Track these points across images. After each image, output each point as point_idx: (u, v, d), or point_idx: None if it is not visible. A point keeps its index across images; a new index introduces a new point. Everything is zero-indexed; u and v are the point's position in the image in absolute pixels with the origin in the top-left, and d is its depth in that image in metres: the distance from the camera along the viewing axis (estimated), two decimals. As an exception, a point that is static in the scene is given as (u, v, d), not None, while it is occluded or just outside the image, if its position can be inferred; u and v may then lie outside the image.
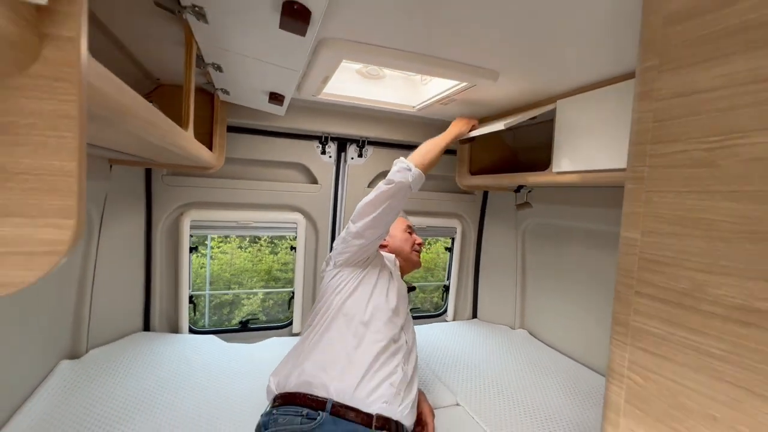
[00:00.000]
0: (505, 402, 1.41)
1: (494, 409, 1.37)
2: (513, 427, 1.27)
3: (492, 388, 1.50)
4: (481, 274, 2.31)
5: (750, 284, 0.40)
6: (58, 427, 1.08)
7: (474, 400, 1.41)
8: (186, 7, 0.72)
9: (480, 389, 1.49)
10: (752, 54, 0.41)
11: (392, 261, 1.33)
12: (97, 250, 1.48)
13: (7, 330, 1.07)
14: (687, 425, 0.46)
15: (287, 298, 2.02)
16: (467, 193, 2.21)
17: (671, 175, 0.49)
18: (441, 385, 1.48)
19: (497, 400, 1.42)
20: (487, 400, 1.42)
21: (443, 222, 2.20)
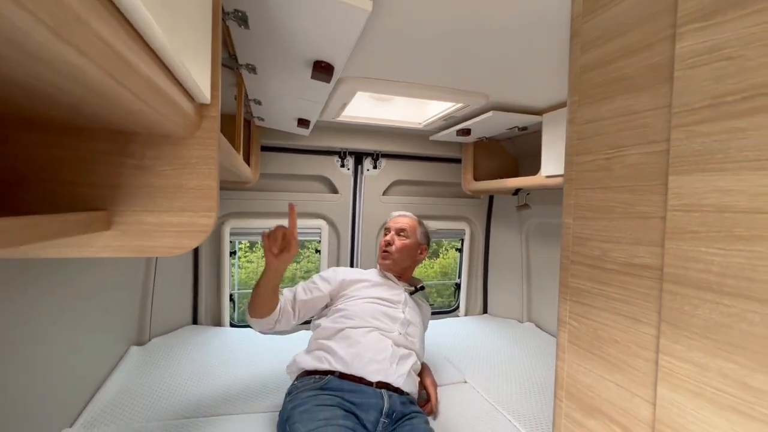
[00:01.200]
0: (509, 381, 1.58)
1: (499, 386, 1.54)
2: (517, 403, 1.44)
3: (498, 369, 1.68)
4: (490, 272, 2.50)
5: (630, 248, 0.61)
6: (132, 398, 1.33)
7: (480, 379, 1.59)
8: (242, 65, 0.98)
9: (487, 370, 1.67)
10: (626, 95, 0.62)
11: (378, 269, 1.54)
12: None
13: (93, 323, 1.35)
14: (602, 350, 0.66)
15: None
16: (474, 198, 2.41)
17: (587, 177, 0.69)
18: (449, 365, 1.67)
19: (502, 379, 1.60)
20: (493, 379, 1.60)
21: (452, 225, 2.40)
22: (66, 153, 0.48)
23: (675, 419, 0.53)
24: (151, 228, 0.50)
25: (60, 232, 0.38)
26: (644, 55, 0.59)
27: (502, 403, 1.42)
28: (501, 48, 0.97)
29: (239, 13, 0.70)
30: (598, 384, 0.67)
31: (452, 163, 2.27)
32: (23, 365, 0.97)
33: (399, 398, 1.11)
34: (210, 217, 0.52)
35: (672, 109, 0.53)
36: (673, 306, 0.53)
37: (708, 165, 0.49)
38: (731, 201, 0.46)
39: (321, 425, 0.94)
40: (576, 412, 0.72)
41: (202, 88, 0.46)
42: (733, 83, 0.46)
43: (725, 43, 0.47)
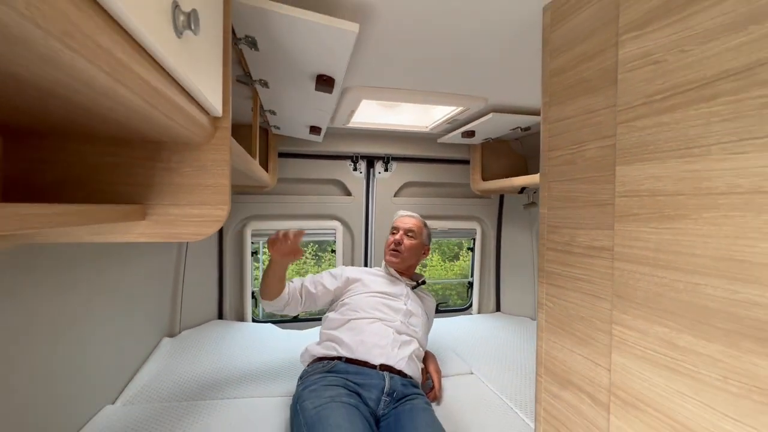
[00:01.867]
0: (515, 373, 1.63)
1: (505, 378, 1.59)
2: (521, 393, 1.49)
3: (505, 362, 1.73)
4: (502, 271, 2.53)
5: (592, 232, 0.68)
6: (165, 381, 1.48)
7: (487, 370, 1.65)
8: (255, 80, 1.10)
9: (493, 362, 1.72)
10: (585, 96, 0.69)
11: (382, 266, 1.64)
12: (185, 253, 1.93)
13: (132, 315, 1.51)
14: (572, 327, 0.73)
15: (330, 293, 2.38)
16: (484, 198, 2.47)
17: (556, 170, 0.77)
18: (456, 357, 1.74)
19: (508, 371, 1.65)
20: (499, 371, 1.65)
21: (464, 224, 2.46)
22: (112, 159, 0.60)
23: (625, 382, 0.59)
24: (176, 218, 0.62)
25: (105, 219, 0.50)
26: (598, 60, 0.66)
27: (506, 393, 1.47)
28: (493, 52, 1.05)
29: (249, 38, 0.82)
30: (569, 358, 0.73)
31: (461, 164, 2.34)
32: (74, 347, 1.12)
33: (400, 380, 1.20)
34: (223, 209, 0.64)
35: (617, 107, 0.61)
36: (621, 281, 0.60)
37: (644, 155, 0.56)
38: (661, 186, 0.53)
39: (326, 401, 1.04)
40: (553, 386, 0.78)
41: (214, 104, 0.57)
42: (659, 84, 0.53)
43: (653, 50, 0.54)
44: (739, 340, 0.44)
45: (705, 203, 0.47)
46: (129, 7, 0.29)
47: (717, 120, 0.46)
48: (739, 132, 0.44)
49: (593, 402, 0.67)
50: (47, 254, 0.97)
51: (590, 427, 0.68)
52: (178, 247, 1.90)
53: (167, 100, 0.42)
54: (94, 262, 1.21)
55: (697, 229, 0.48)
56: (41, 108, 0.40)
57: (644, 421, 0.56)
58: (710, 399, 0.47)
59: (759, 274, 0.42)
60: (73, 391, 1.12)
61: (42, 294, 0.97)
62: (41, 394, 0.98)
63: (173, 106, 0.44)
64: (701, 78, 0.48)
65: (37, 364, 0.96)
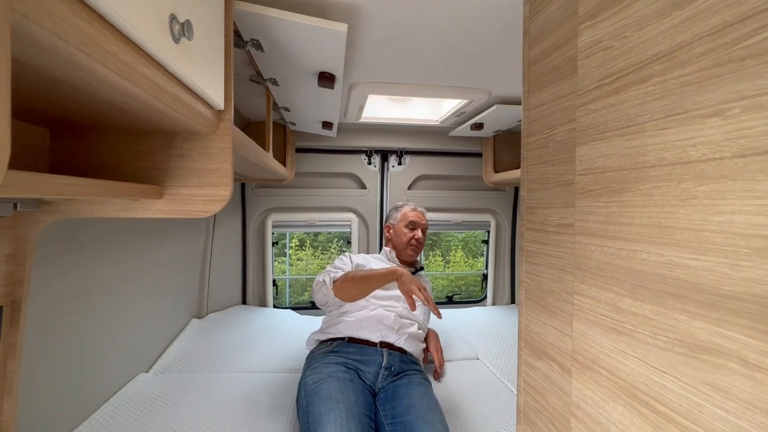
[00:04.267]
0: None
1: (510, 364, 1.63)
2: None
3: (512, 349, 1.76)
4: (518, 263, 2.54)
5: (560, 211, 0.72)
6: (193, 355, 1.63)
7: (492, 357, 1.69)
8: (266, 79, 1.21)
9: (500, 350, 1.76)
10: (557, 83, 0.74)
11: (387, 253, 1.68)
12: (212, 242, 2.09)
13: (163, 297, 1.67)
14: (545, 300, 0.77)
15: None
16: (499, 190, 2.48)
17: (533, 154, 0.81)
18: (463, 343, 1.79)
19: (515, 358, 1.68)
20: (504, 357, 1.69)
21: (478, 217, 2.49)
22: (136, 147, 0.72)
23: (583, 346, 0.64)
24: (187, 197, 0.73)
25: (128, 193, 0.61)
26: (564, 49, 0.70)
27: (509, 378, 1.51)
28: (490, 44, 1.09)
29: (254, 41, 0.92)
30: (543, 330, 0.78)
31: (474, 157, 2.37)
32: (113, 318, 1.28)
33: (399, 356, 1.27)
34: (226, 190, 0.74)
35: (577, 92, 0.65)
36: (579, 253, 0.65)
37: (596, 135, 0.60)
38: (609, 162, 0.57)
39: (324, 377, 1.13)
40: (531, 357, 0.83)
41: (216, 99, 0.67)
42: (607, 68, 0.58)
43: (603, 37, 0.58)
44: (665, 299, 0.48)
45: (641, 176, 0.51)
46: (131, 22, 0.39)
47: (650, 99, 0.50)
48: (665, 109, 0.48)
49: (561, 369, 0.72)
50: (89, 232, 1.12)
51: (558, 392, 0.73)
52: (205, 237, 2.06)
53: (170, 94, 0.52)
54: (130, 245, 1.37)
55: (635, 200, 0.52)
56: (75, 101, 0.51)
57: (596, 381, 0.61)
58: (644, 354, 0.51)
59: (679, 237, 0.46)
60: (111, 358, 1.28)
61: (85, 265, 1.12)
62: (82, 358, 1.14)
63: (176, 100, 0.54)
64: (638, 61, 0.52)
65: (78, 329, 1.11)
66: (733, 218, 0.40)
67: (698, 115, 0.44)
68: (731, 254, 0.40)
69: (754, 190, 0.38)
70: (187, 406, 1.24)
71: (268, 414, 1.22)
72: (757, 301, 0.38)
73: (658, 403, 0.50)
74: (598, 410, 0.60)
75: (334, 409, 0.97)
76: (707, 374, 0.43)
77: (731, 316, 0.40)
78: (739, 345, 0.40)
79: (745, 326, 0.39)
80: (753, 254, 0.38)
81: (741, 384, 0.40)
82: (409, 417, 1.05)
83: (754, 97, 0.38)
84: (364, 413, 1.02)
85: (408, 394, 1.13)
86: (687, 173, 0.45)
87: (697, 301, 0.44)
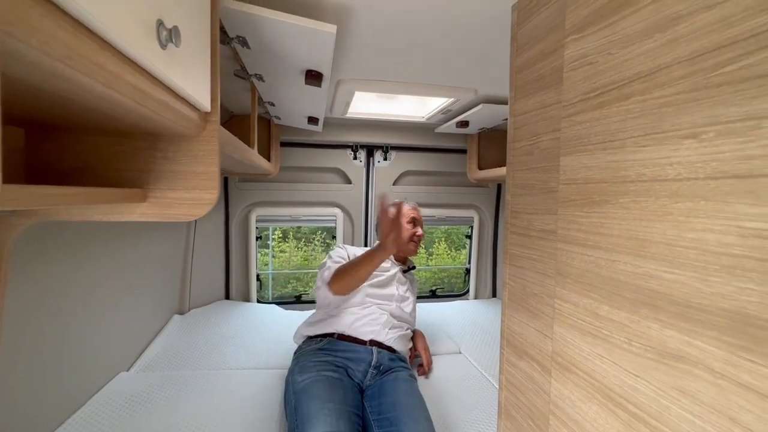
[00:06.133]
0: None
1: (491, 358, 1.68)
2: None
3: (492, 344, 1.81)
4: (499, 258, 2.60)
5: (544, 217, 0.74)
6: (175, 355, 1.60)
7: (474, 351, 1.74)
8: (251, 75, 1.18)
9: (481, 344, 1.81)
10: (543, 92, 0.75)
11: None
12: (194, 237, 2.05)
13: (144, 292, 1.64)
14: (527, 303, 0.80)
15: (331, 277, 2.49)
16: (482, 186, 2.52)
17: (519, 160, 0.83)
18: (446, 337, 1.83)
19: (496, 352, 1.74)
20: (486, 351, 1.73)
21: (461, 213, 2.52)
22: (118, 149, 0.70)
23: (562, 348, 0.67)
24: (172, 201, 0.72)
25: (110, 200, 0.60)
26: (551, 59, 0.72)
27: (490, 372, 1.56)
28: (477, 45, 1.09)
29: (240, 38, 0.90)
30: (525, 331, 0.81)
31: (459, 153, 2.40)
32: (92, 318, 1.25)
33: (388, 355, 1.29)
34: (212, 193, 0.73)
35: (562, 103, 0.67)
36: (561, 260, 0.67)
37: (579, 147, 0.62)
38: (591, 174, 0.60)
39: (313, 375, 1.14)
40: (512, 356, 0.86)
41: (203, 101, 0.66)
42: (592, 83, 0.59)
43: (589, 52, 0.60)
44: (640, 308, 0.51)
45: (621, 190, 0.54)
46: (118, 31, 0.38)
47: (631, 117, 0.52)
48: (645, 128, 0.50)
49: (542, 369, 0.75)
50: (67, 232, 1.09)
51: (539, 391, 0.76)
52: (187, 232, 2.02)
53: (157, 100, 0.51)
54: (109, 243, 1.33)
55: (615, 212, 0.55)
56: (55, 107, 0.49)
57: (574, 382, 0.64)
58: (619, 359, 0.54)
59: (654, 251, 0.49)
60: (91, 357, 1.25)
61: (64, 266, 1.09)
62: (62, 358, 1.11)
63: (163, 105, 0.53)
64: (621, 78, 0.54)
65: (56, 329, 1.08)
66: (705, 236, 0.42)
67: (675, 135, 0.46)
68: (702, 270, 0.43)
69: (724, 210, 0.41)
70: (170, 404, 1.23)
71: (253, 412, 1.22)
72: (723, 315, 0.41)
73: (630, 404, 0.53)
74: (575, 409, 0.64)
75: (324, 408, 0.99)
76: (676, 380, 0.46)
77: (699, 327, 0.43)
78: (706, 354, 0.43)
79: (711, 337, 0.42)
80: (722, 271, 0.41)
81: (706, 390, 0.43)
82: (395, 413, 1.08)
83: (728, 123, 0.40)
84: (353, 412, 1.04)
85: (394, 390, 1.15)
86: (664, 190, 0.47)
87: (669, 312, 0.47)
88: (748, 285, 0.39)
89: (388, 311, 1.43)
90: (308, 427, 0.94)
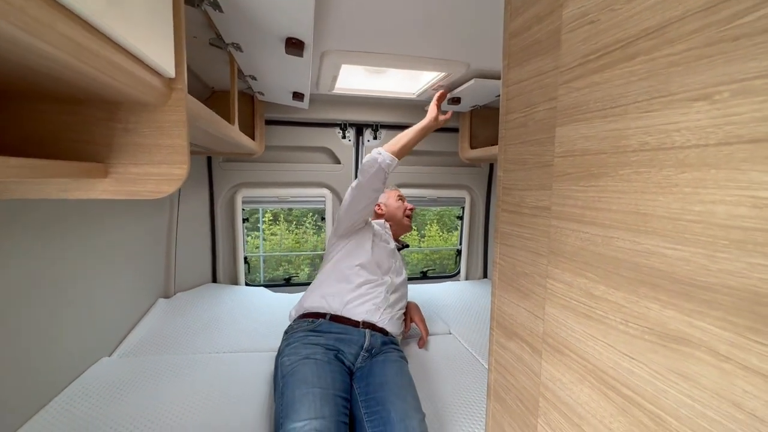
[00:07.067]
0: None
1: (481, 338, 1.68)
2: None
3: (482, 324, 1.81)
4: (491, 238, 2.58)
5: (537, 193, 0.70)
6: (160, 337, 1.57)
7: (465, 331, 1.73)
8: (228, 44, 1.10)
9: (472, 324, 1.80)
10: (539, 58, 0.70)
11: (382, 224, 1.65)
12: (177, 219, 1.99)
13: (130, 278, 1.58)
14: (518, 283, 0.77)
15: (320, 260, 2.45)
16: (474, 166, 2.47)
17: (512, 133, 0.78)
18: (437, 318, 1.82)
19: (485, 332, 1.73)
20: (476, 332, 1.73)
21: (452, 193, 2.48)
22: (72, 118, 0.63)
23: (554, 330, 0.64)
24: (136, 177, 0.66)
25: (68, 174, 0.54)
26: (547, 21, 0.66)
27: (479, 352, 1.55)
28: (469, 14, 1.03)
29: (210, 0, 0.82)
30: (515, 311, 0.78)
31: (451, 132, 2.33)
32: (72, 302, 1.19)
33: (381, 337, 1.27)
34: (182, 168, 0.67)
35: (559, 69, 0.62)
36: (554, 237, 0.63)
37: (577, 116, 0.58)
38: (589, 145, 0.55)
39: (301, 358, 1.11)
40: (502, 338, 0.84)
41: (164, 66, 0.59)
42: (592, 44, 0.54)
43: (590, 9, 0.55)
44: (638, 287, 0.47)
45: (621, 161, 0.50)
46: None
47: (635, 79, 0.47)
48: (650, 91, 0.45)
49: (532, 350, 0.73)
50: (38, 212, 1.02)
51: (528, 372, 0.73)
52: (170, 213, 1.95)
53: (101, 57, 0.44)
54: (88, 221, 1.26)
55: (614, 185, 0.51)
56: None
57: (566, 364, 0.61)
58: (614, 340, 0.51)
59: (656, 226, 0.45)
60: (70, 343, 1.21)
61: (37, 246, 1.03)
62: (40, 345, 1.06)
63: (110, 64, 0.47)
64: (626, 37, 0.49)
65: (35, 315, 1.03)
66: (714, 208, 0.39)
67: (684, 98, 0.41)
68: (709, 245, 0.39)
69: (737, 179, 0.37)
70: (154, 390, 1.20)
71: (240, 396, 1.20)
72: (730, 293, 0.37)
73: (624, 388, 0.50)
74: (566, 392, 0.61)
75: (309, 393, 0.96)
76: (675, 362, 0.43)
77: (704, 307, 0.40)
78: (710, 336, 0.39)
79: (716, 317, 0.39)
80: (731, 246, 0.37)
81: (708, 374, 0.40)
82: (383, 393, 1.06)
83: (745, 81, 0.36)
84: (339, 395, 1.02)
85: (383, 371, 1.13)
86: (669, 159, 0.43)
87: (671, 291, 0.43)
88: (760, 261, 0.35)
89: (384, 287, 1.41)
90: (291, 412, 0.92)
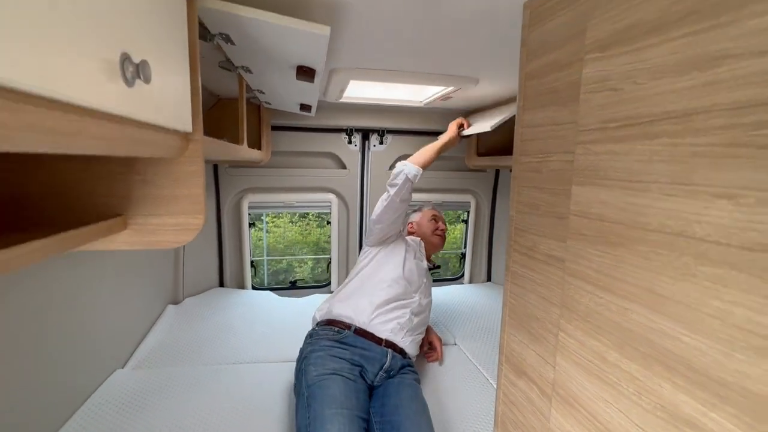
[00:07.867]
0: (496, 346, 1.74)
1: (486, 350, 1.70)
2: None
3: (488, 334, 1.83)
4: (495, 243, 2.59)
5: (550, 242, 0.71)
6: (171, 346, 1.60)
7: (470, 342, 1.75)
8: (238, 67, 1.09)
9: (477, 334, 1.82)
10: (554, 106, 0.69)
11: (417, 242, 1.68)
12: (184, 226, 2.00)
13: (136, 285, 1.60)
14: (529, 325, 0.78)
15: (326, 264, 2.47)
16: (480, 171, 2.46)
17: (525, 176, 0.78)
18: (442, 328, 1.84)
19: (490, 344, 1.76)
20: (481, 343, 1.75)
21: (458, 197, 2.48)
22: (90, 173, 0.64)
23: (565, 381, 0.66)
24: (155, 228, 0.67)
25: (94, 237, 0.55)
26: (566, 72, 0.65)
27: (485, 366, 1.58)
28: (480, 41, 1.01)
29: (223, 35, 0.81)
30: (525, 352, 0.80)
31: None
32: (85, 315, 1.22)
33: (401, 360, 1.30)
34: (198, 218, 0.68)
35: (577, 126, 0.61)
36: (568, 293, 0.64)
37: (595, 180, 0.58)
38: (607, 212, 0.55)
39: (329, 372, 1.14)
40: (511, 374, 0.86)
41: (184, 125, 0.59)
42: (613, 112, 0.54)
43: (611, 75, 0.54)
44: (653, 364, 0.48)
45: (640, 237, 0.50)
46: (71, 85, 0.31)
47: (657, 159, 0.47)
48: (673, 175, 0.45)
49: (541, 393, 0.74)
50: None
51: (536, 413, 0.75)
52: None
53: (128, 139, 0.45)
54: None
55: (632, 259, 0.51)
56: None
57: (576, 418, 0.63)
58: (626, 409, 0.53)
59: (673, 310, 0.45)
60: (85, 357, 1.23)
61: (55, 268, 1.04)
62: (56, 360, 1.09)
63: (136, 141, 0.47)
64: (649, 114, 0.48)
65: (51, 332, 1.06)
66: (733, 309, 0.39)
67: (708, 192, 0.41)
68: (727, 343, 0.40)
69: (759, 287, 0.37)
70: (175, 403, 1.23)
71: (261, 409, 1.22)
72: (746, 395, 0.38)
73: (635, 454, 0.52)
74: (576, 444, 0.63)
75: (338, 414, 0.99)
76: (687, 445, 0.45)
77: (718, 401, 0.41)
78: (722, 429, 0.41)
79: (730, 413, 0.40)
80: (749, 350, 0.38)
81: (720, 465, 0.41)
82: (398, 417, 1.09)
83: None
84: (361, 417, 1.05)
85: (398, 393, 1.16)
86: (689, 248, 0.44)
87: (686, 377, 0.44)
88: (778, 370, 0.36)
89: (410, 308, 1.43)
90: (320, 429, 0.95)
